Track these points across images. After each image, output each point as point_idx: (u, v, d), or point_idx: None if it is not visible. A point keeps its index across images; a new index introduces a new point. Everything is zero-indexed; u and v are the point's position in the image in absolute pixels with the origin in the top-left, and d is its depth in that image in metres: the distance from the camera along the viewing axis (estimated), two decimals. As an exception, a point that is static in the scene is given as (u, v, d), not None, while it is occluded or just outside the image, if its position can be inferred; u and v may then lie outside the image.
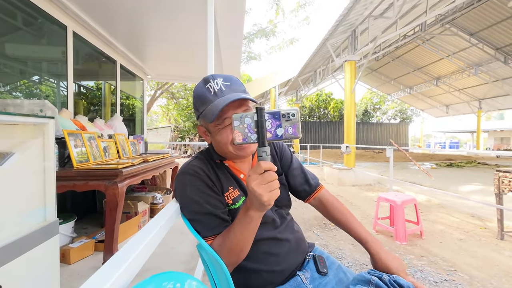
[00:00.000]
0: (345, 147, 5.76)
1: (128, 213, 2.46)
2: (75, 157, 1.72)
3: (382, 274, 0.64)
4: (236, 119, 0.51)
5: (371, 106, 23.92)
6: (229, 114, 0.64)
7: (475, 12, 8.07)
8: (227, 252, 0.60)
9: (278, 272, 0.68)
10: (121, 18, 2.67)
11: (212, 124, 0.66)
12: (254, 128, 0.51)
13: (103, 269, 0.35)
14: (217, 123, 0.66)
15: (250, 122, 0.51)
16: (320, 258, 0.74)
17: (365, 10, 5.21)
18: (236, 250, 0.59)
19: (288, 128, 0.51)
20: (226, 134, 0.66)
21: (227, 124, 0.65)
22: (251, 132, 0.51)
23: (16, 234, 0.86)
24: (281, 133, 0.51)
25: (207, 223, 0.64)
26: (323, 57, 8.12)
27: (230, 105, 0.64)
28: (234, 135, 0.51)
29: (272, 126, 0.51)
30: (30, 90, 2.42)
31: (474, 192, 4.67)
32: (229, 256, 0.60)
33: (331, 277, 0.71)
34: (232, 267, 0.62)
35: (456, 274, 1.82)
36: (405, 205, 2.42)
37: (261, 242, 0.67)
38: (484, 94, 14.10)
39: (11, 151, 0.87)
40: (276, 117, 0.51)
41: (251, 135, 0.51)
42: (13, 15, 2.04)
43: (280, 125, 0.51)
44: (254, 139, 0.51)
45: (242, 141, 0.51)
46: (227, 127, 0.66)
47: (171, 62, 4.27)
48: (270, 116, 0.51)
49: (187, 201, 0.65)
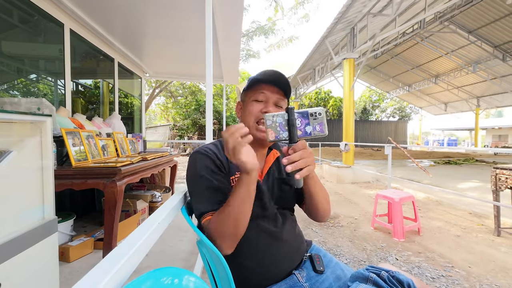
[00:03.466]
0: (344, 145, 5.77)
1: (127, 211, 2.46)
2: (73, 155, 1.72)
3: (381, 271, 0.63)
4: (268, 118, 0.56)
5: (370, 104, 23.94)
6: (265, 91, 0.72)
7: (474, 10, 8.06)
8: (222, 225, 0.60)
9: (274, 272, 0.68)
10: (119, 16, 2.65)
11: (248, 93, 0.75)
12: (285, 126, 0.56)
13: (101, 265, 0.36)
14: (252, 93, 0.74)
15: (281, 121, 0.56)
16: (317, 256, 0.74)
17: (364, 8, 5.19)
18: (230, 221, 0.60)
19: (315, 125, 0.56)
20: (255, 106, 0.73)
21: (260, 100, 0.73)
22: (283, 130, 0.56)
23: (14, 232, 0.86)
24: (310, 130, 0.57)
25: (211, 198, 0.66)
26: (322, 55, 8.10)
27: (268, 85, 0.73)
28: (267, 133, 0.56)
29: (301, 124, 0.57)
30: (28, 88, 2.41)
31: (472, 189, 4.70)
32: (224, 229, 0.60)
33: (328, 274, 0.71)
34: (228, 246, 0.61)
35: (453, 270, 1.84)
36: (403, 202, 2.43)
37: (260, 235, 0.68)
38: (482, 92, 14.13)
39: (8, 149, 0.87)
40: (305, 116, 0.57)
41: (283, 133, 0.56)
42: (9, 13, 2.02)
43: (309, 123, 0.56)
44: (286, 136, 0.56)
45: (275, 138, 0.56)
46: (259, 102, 0.73)
47: (169, 60, 4.25)
48: (299, 115, 0.57)
49: (196, 176, 0.68)
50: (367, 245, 2.23)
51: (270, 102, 0.73)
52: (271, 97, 0.73)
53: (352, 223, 2.84)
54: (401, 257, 2.02)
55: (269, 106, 0.73)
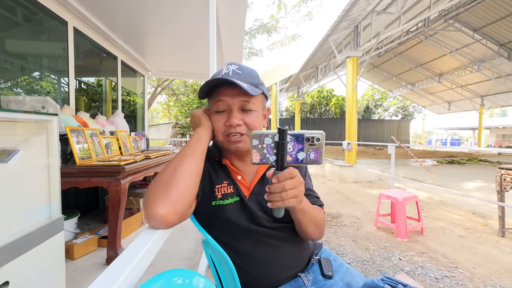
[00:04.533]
0: (346, 144, 5.75)
1: (130, 209, 2.47)
2: (77, 153, 1.72)
3: (397, 284, 0.58)
4: (255, 137, 0.48)
5: (373, 102, 23.80)
6: (224, 97, 0.63)
7: (479, 7, 7.96)
8: (158, 177, 0.54)
9: (278, 277, 0.65)
10: (122, 14, 2.65)
11: (210, 102, 0.67)
12: (274, 149, 0.48)
13: (112, 267, 0.36)
14: (212, 103, 0.66)
15: (270, 142, 0.48)
16: (326, 260, 0.71)
17: (368, 6, 5.14)
18: (167, 173, 0.54)
19: (310, 153, 0.48)
20: (218, 120, 0.64)
21: (221, 109, 0.64)
22: (270, 153, 0.48)
23: (22, 230, 0.87)
24: (302, 158, 0.48)
25: None
26: (325, 53, 8.06)
27: (227, 89, 0.62)
28: (252, 155, 0.48)
29: (293, 149, 0.48)
30: (31, 86, 2.42)
31: (475, 189, 4.67)
32: (157, 183, 0.53)
33: (337, 280, 0.67)
34: (158, 205, 0.50)
35: (456, 271, 1.83)
36: (406, 202, 2.42)
37: (260, 246, 0.64)
38: (486, 91, 13.99)
39: (16, 148, 0.87)
40: (299, 140, 0.48)
41: (270, 157, 0.48)
42: (13, 11, 2.02)
43: (302, 148, 0.48)
44: (273, 160, 0.48)
45: (260, 162, 0.48)
46: (221, 113, 0.64)
47: (172, 58, 4.25)
48: (293, 139, 0.48)
49: None
50: (370, 244, 2.22)
51: (234, 109, 0.63)
52: (232, 102, 0.62)
53: (355, 223, 2.84)
54: (404, 257, 2.02)
55: (233, 116, 0.62)
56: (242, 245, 0.65)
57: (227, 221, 0.64)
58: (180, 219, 0.53)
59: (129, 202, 2.43)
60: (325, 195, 4.19)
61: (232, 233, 0.65)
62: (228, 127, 0.63)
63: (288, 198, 0.49)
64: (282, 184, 0.48)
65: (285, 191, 0.48)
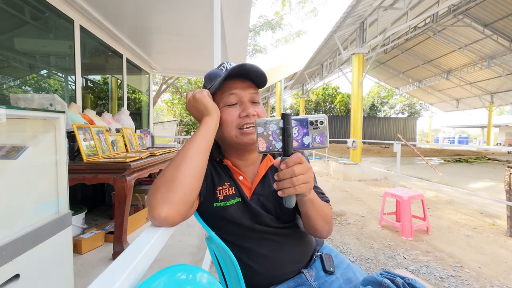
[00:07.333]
0: (351, 142, 5.70)
1: (136, 205, 2.51)
2: (84, 150, 1.75)
3: (395, 277, 0.59)
4: (259, 125, 0.48)
5: (379, 100, 23.50)
6: (235, 90, 0.62)
7: (490, 2, 7.73)
8: (162, 174, 0.53)
9: (282, 273, 0.66)
10: (127, 12, 2.66)
11: (216, 98, 0.64)
12: (279, 135, 0.48)
13: (118, 262, 0.37)
14: (221, 97, 0.63)
15: (275, 129, 0.48)
16: (327, 256, 0.72)
17: (375, 1, 5.05)
18: (172, 167, 0.52)
19: (315, 136, 0.48)
20: (231, 113, 0.62)
21: (234, 102, 0.63)
22: (276, 140, 0.48)
23: (32, 225, 0.89)
24: (308, 142, 0.48)
25: None
26: (330, 50, 7.96)
27: (238, 82, 0.62)
28: (257, 143, 0.48)
29: (298, 134, 0.48)
30: (39, 84, 2.46)
31: (483, 188, 4.59)
32: (161, 179, 0.51)
33: (338, 276, 0.69)
34: (161, 204, 0.48)
35: (462, 270, 1.81)
36: (412, 201, 2.39)
37: (262, 243, 0.65)
38: (496, 88, 13.65)
39: (25, 145, 0.89)
40: (304, 125, 0.48)
41: (276, 143, 0.48)
42: (21, 10, 2.05)
43: (308, 133, 0.48)
44: (279, 147, 0.48)
45: (266, 149, 0.48)
46: (233, 106, 0.63)
47: (177, 56, 4.26)
48: (297, 123, 0.48)
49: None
50: (374, 243, 2.21)
51: (246, 101, 0.63)
52: (244, 95, 0.63)
53: (359, 221, 2.82)
54: (409, 256, 2.00)
55: (247, 108, 0.62)
56: (245, 242, 0.65)
57: (229, 222, 0.65)
58: (183, 218, 0.53)
59: (134, 198, 2.47)
60: (329, 193, 4.17)
61: (235, 232, 0.66)
62: (243, 118, 0.62)
63: (299, 183, 0.48)
64: (292, 169, 0.47)
65: (295, 176, 0.47)
